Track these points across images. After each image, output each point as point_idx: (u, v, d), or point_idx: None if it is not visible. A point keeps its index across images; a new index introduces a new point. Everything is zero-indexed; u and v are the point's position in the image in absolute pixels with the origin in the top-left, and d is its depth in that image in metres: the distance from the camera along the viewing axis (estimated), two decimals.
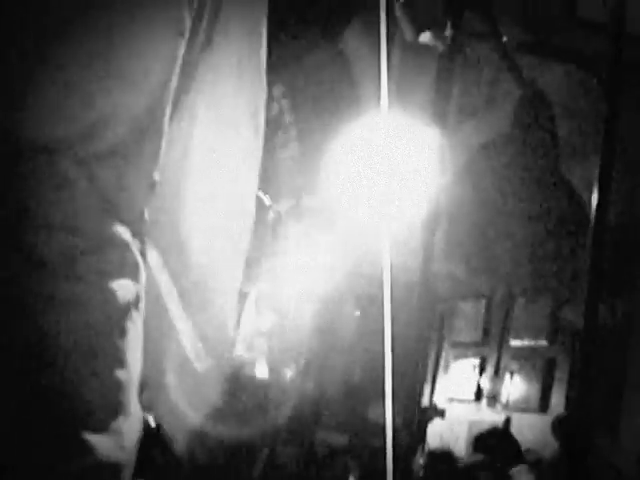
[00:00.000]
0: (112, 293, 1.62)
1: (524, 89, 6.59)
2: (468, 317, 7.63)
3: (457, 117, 6.54)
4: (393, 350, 3.69)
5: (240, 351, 5.21)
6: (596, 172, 3.45)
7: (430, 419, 6.11)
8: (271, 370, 5.13)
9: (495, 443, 6.01)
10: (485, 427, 6.29)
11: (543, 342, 6.94)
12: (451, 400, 7.33)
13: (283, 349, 5.23)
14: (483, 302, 7.55)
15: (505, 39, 4.59)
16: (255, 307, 5.25)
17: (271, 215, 6.13)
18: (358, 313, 6.30)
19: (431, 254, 5.57)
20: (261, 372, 5.17)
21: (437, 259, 6.93)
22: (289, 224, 5.87)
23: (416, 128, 4.31)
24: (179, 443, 2.28)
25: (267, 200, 5.40)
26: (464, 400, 7.32)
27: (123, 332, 1.65)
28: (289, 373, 5.41)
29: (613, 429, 5.83)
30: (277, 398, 5.05)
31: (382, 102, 3.45)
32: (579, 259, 7.28)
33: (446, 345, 7.66)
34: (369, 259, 5.90)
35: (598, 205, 3.00)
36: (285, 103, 6.54)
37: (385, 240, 3.46)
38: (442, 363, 7.62)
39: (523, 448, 6.13)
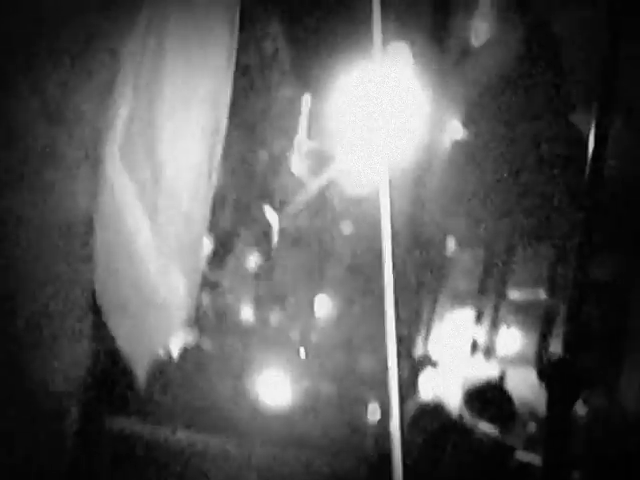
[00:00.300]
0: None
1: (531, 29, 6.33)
2: (466, 267, 7.43)
3: (457, 55, 6.28)
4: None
5: (227, 295, 5.08)
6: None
7: (422, 368, 5.94)
8: (256, 315, 4.98)
9: (488, 398, 5.82)
10: (479, 382, 6.11)
11: (542, 294, 6.74)
12: (445, 352, 7.16)
13: (269, 292, 5.05)
14: (482, 252, 7.34)
15: None
16: (243, 250, 5.09)
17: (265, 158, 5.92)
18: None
19: (424, 200, 5.29)
20: (246, 316, 5.03)
21: (435, 206, 6.73)
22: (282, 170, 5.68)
23: (414, 65, 4.09)
24: (139, 375, 2.13)
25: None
26: (459, 352, 7.14)
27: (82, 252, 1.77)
28: (274, 317, 5.25)
29: (611, 390, 5.66)
30: (262, 344, 4.91)
31: (376, 41, 3.21)
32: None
33: (443, 295, 7.46)
34: (366, 206, 5.69)
35: (595, 142, 2.91)
36: (281, 41, 6.29)
37: (384, 182, 3.23)
38: (438, 313, 7.43)
39: (517, 403, 5.95)
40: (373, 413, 4.22)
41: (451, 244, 7.31)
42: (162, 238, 2.08)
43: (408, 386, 6.05)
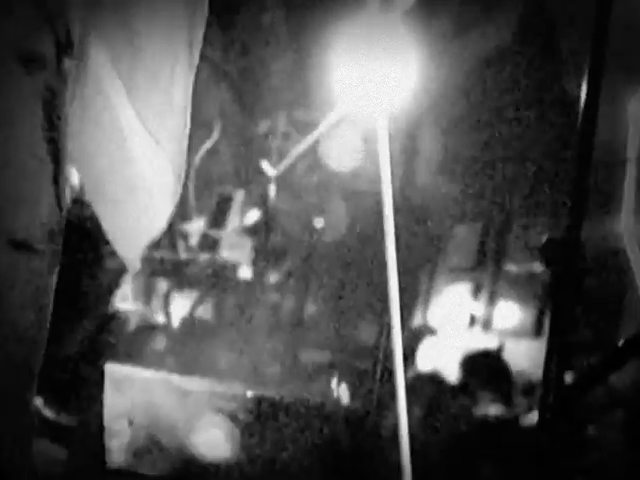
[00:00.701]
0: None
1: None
2: (463, 241, 7.43)
3: (455, 28, 6.29)
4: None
5: (224, 252, 5.09)
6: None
7: (421, 338, 5.97)
8: (255, 272, 4.99)
9: (486, 368, 5.88)
10: (477, 352, 6.17)
11: (539, 266, 6.75)
12: (444, 325, 7.18)
13: (268, 249, 5.06)
14: (479, 225, 7.35)
15: None
16: (240, 208, 5.10)
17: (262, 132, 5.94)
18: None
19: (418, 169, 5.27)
20: (245, 273, 5.04)
21: (432, 177, 6.73)
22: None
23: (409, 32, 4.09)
24: (131, 260, 2.12)
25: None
26: (457, 325, 7.16)
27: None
28: (273, 276, 5.27)
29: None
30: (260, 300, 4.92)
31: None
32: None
33: (439, 269, 7.47)
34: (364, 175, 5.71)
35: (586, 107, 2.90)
36: (279, 13, 6.29)
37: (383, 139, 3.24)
38: (435, 287, 7.44)
39: (515, 374, 6.01)
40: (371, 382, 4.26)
41: (447, 217, 7.32)
42: (144, 119, 2.02)
43: (406, 356, 6.04)
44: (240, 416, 3.41)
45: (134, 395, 3.41)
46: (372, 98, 3.68)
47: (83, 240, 3.93)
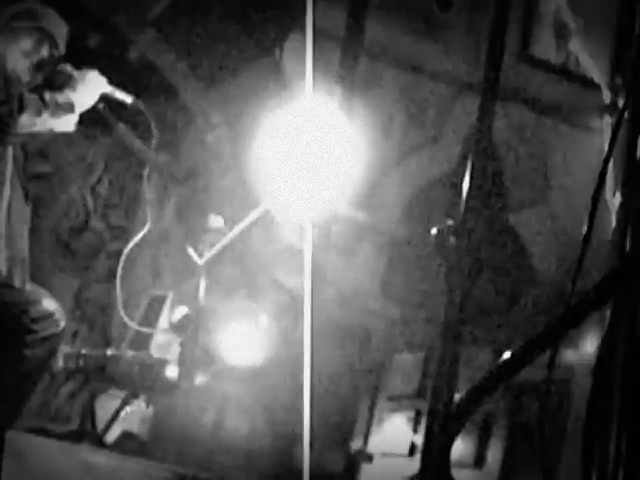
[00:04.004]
0: None
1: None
2: (404, 369, 7.33)
3: (402, 150, 6.34)
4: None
5: (153, 351, 4.97)
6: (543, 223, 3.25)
7: (359, 464, 5.84)
8: (182, 373, 4.86)
9: None
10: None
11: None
12: (385, 455, 7.00)
13: (195, 349, 4.94)
14: (421, 354, 7.26)
15: None
16: (170, 307, 5.03)
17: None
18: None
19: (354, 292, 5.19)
20: (171, 373, 4.92)
21: (373, 299, 6.65)
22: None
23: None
24: None
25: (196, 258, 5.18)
26: (398, 455, 6.99)
27: None
28: (199, 377, 5.12)
29: None
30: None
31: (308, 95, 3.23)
32: (520, 313, 7.04)
33: (381, 398, 7.35)
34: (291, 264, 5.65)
35: None
36: (223, 130, 6.32)
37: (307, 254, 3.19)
38: (376, 417, 7.30)
39: None
40: None
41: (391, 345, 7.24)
42: None
43: None
44: None
45: (35, 465, 3.22)
46: (301, 199, 3.67)
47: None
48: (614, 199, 4.55)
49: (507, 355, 2.81)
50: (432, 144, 6.58)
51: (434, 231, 3.01)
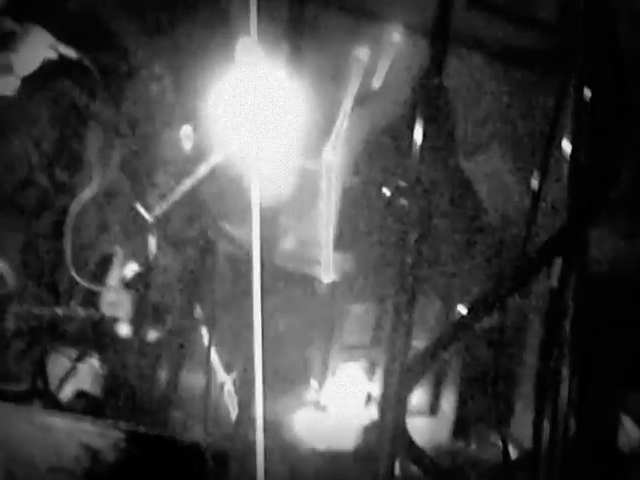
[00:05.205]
0: None
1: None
2: (358, 319, 7.33)
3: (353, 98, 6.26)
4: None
5: (104, 308, 4.91)
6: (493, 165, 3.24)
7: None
8: (133, 330, 4.79)
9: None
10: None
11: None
12: (339, 405, 7.01)
13: (147, 304, 4.87)
14: (375, 304, 7.26)
15: None
16: (119, 264, 4.95)
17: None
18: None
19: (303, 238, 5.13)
20: (123, 330, 4.87)
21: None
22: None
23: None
24: None
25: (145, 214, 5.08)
26: (353, 405, 7.01)
27: None
28: (153, 334, 5.07)
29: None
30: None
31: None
32: (473, 261, 7.03)
33: (334, 348, 7.34)
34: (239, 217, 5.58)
35: None
36: (167, 81, 6.19)
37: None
38: (330, 367, 7.29)
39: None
40: None
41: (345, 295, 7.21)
42: None
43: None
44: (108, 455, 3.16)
45: None
46: (249, 147, 3.61)
47: None
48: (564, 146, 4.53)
49: (463, 310, 2.80)
50: (383, 91, 6.50)
51: (387, 193, 2.98)
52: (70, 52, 4.07)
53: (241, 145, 3.53)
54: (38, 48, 3.88)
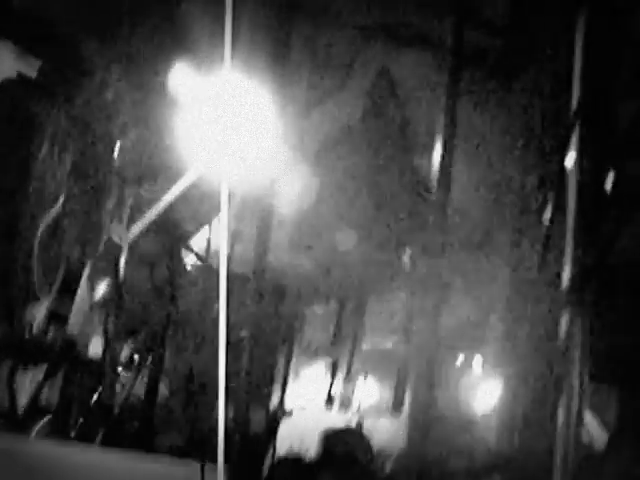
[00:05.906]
0: None
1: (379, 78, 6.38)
2: (319, 320, 7.34)
3: (307, 102, 6.25)
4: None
5: (73, 328, 4.85)
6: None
7: (279, 420, 5.81)
8: (107, 346, 4.73)
9: (345, 442, 5.73)
10: (338, 428, 6.04)
11: (396, 344, 6.70)
12: (302, 408, 7.01)
13: (119, 322, 4.82)
14: (335, 305, 7.27)
15: None
16: (88, 282, 4.89)
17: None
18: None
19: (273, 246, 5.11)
20: (95, 349, 4.81)
21: (282, 252, 6.59)
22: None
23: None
24: None
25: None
26: (315, 406, 7.01)
27: None
28: (126, 350, 5.02)
29: None
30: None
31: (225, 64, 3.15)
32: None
33: (296, 350, 7.34)
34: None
35: None
36: (122, 86, 6.16)
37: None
38: (292, 370, 7.29)
39: (375, 448, 5.87)
40: None
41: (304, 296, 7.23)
42: None
43: (266, 439, 5.88)
44: None
45: None
46: (220, 165, 3.59)
47: None
48: None
49: None
50: (339, 92, 6.50)
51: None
52: (30, 71, 4.01)
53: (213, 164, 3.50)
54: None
